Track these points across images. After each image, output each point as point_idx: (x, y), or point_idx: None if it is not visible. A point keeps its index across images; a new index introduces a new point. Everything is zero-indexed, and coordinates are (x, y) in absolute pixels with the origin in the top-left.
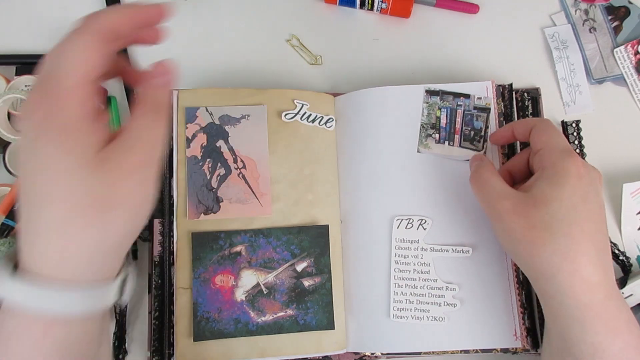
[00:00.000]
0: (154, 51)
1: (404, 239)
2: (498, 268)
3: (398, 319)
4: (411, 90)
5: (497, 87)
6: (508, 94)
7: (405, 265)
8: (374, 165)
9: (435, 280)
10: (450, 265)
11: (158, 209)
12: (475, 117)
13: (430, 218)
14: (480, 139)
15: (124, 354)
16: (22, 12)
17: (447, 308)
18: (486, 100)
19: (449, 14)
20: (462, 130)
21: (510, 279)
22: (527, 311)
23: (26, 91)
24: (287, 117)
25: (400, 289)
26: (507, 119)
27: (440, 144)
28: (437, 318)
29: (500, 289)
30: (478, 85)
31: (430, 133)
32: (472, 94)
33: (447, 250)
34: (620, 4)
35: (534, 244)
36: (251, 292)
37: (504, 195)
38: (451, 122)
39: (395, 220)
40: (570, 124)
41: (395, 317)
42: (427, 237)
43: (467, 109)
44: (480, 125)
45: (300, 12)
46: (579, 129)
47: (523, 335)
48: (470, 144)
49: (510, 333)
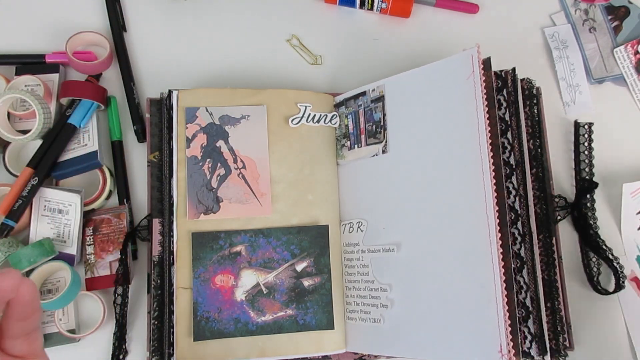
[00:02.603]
0: (154, 52)
1: (348, 243)
2: (456, 268)
3: (350, 321)
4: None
5: (500, 72)
6: (512, 80)
7: (352, 268)
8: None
9: (372, 281)
10: (384, 266)
11: (158, 209)
12: (373, 110)
13: (365, 220)
14: (381, 130)
15: (124, 354)
16: (22, 12)
17: (382, 309)
18: (380, 89)
19: (449, 14)
20: (366, 128)
21: (492, 283)
22: (534, 315)
23: (26, 91)
24: (294, 122)
25: (349, 292)
26: (512, 106)
27: (352, 150)
28: (375, 319)
29: (471, 293)
30: (461, 56)
31: (343, 143)
32: (438, 72)
33: (378, 251)
34: (620, 4)
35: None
36: (251, 292)
37: None
38: (356, 124)
39: (341, 226)
40: (583, 126)
41: (348, 319)
42: (365, 239)
43: (366, 105)
44: (379, 117)
45: (300, 12)
46: (590, 131)
47: (511, 354)
48: (374, 138)
49: (494, 348)
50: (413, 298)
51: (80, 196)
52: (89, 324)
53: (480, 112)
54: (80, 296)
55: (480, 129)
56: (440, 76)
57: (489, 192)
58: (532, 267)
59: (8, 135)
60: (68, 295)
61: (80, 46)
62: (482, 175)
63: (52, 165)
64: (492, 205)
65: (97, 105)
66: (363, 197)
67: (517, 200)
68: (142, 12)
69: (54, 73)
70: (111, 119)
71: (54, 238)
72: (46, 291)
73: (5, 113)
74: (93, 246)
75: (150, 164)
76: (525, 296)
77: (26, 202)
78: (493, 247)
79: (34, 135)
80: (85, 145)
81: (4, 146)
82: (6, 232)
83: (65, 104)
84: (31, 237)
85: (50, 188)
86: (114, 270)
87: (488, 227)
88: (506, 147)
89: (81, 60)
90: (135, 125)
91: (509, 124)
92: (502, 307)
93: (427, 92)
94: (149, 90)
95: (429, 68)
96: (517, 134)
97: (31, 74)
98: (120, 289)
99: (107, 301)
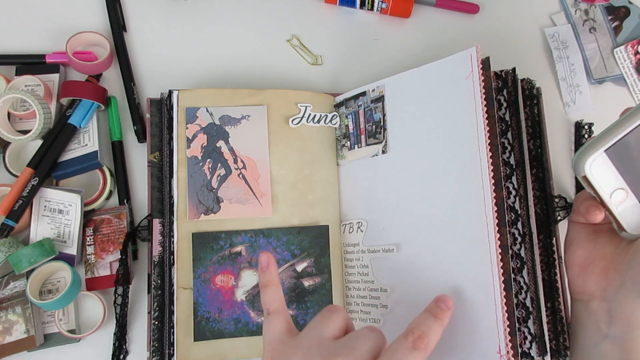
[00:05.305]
0: (154, 52)
1: (348, 243)
2: (454, 269)
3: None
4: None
5: (500, 72)
6: (512, 80)
7: (352, 269)
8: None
9: (372, 281)
10: (384, 266)
11: (158, 209)
12: (373, 110)
13: (365, 220)
14: (381, 130)
15: (125, 354)
16: (22, 12)
17: (382, 310)
18: (379, 89)
19: (449, 14)
20: (366, 128)
21: (491, 283)
22: (535, 315)
23: (26, 91)
24: (294, 122)
25: (349, 292)
26: (512, 106)
27: (352, 150)
28: (375, 320)
29: (470, 294)
30: (460, 56)
31: (343, 143)
32: (437, 71)
33: (378, 251)
34: (620, 4)
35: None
36: (251, 292)
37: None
38: (356, 125)
39: (341, 226)
40: (583, 126)
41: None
42: (365, 240)
43: (366, 105)
44: (379, 117)
45: (301, 12)
46: (590, 132)
47: (510, 354)
48: (373, 138)
49: (492, 349)
50: (412, 298)
51: (80, 196)
52: (89, 324)
53: (479, 112)
54: (81, 296)
55: (479, 128)
56: (439, 76)
57: (488, 192)
58: (532, 268)
59: (8, 135)
60: (68, 296)
61: (80, 46)
62: (481, 175)
63: (52, 166)
64: (491, 206)
65: (97, 105)
66: (363, 197)
67: (517, 200)
68: (142, 12)
69: (54, 73)
70: (111, 119)
71: (54, 238)
72: (46, 291)
73: (6, 113)
74: (93, 246)
75: (151, 164)
76: (525, 296)
77: (26, 202)
78: (492, 248)
79: (34, 135)
80: (86, 145)
81: (4, 146)
82: (6, 232)
83: (65, 104)
84: (31, 237)
85: (50, 188)
86: (114, 270)
87: (487, 228)
88: (506, 147)
89: (81, 60)
90: (136, 126)
91: (509, 124)
92: (501, 308)
93: (426, 92)
94: (149, 90)
95: (428, 68)
96: (517, 134)
97: (31, 74)
98: (120, 289)
99: (108, 301)
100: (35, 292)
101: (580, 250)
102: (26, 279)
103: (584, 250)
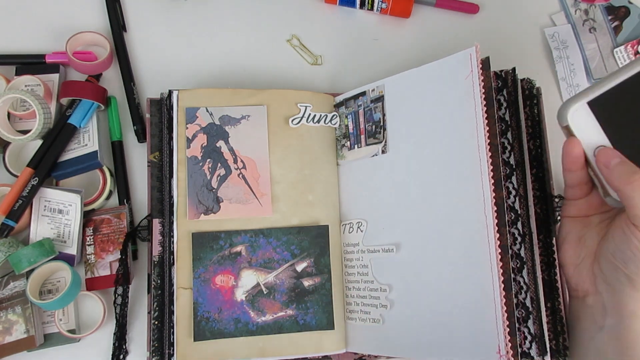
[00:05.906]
0: (154, 52)
1: (348, 243)
2: (448, 268)
3: (350, 321)
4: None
5: (500, 72)
6: (512, 80)
7: (352, 269)
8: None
9: (372, 281)
10: (384, 266)
11: (158, 209)
12: (373, 110)
13: (365, 220)
14: (381, 130)
15: (125, 354)
16: (22, 12)
17: (382, 309)
18: (379, 89)
19: (449, 14)
20: (366, 128)
21: (491, 283)
22: (534, 315)
23: (26, 91)
24: (294, 122)
25: (349, 292)
26: (512, 106)
27: (352, 150)
28: (375, 320)
29: (469, 294)
30: (460, 56)
31: (343, 143)
32: (437, 71)
33: (378, 251)
34: (620, 4)
35: None
36: (251, 292)
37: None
38: (356, 125)
39: (341, 226)
40: None
41: (348, 320)
42: (365, 240)
43: (366, 105)
44: (378, 117)
45: (301, 12)
46: None
47: (510, 354)
48: (373, 138)
49: (492, 349)
50: (412, 298)
51: (80, 196)
52: (89, 324)
53: (479, 112)
54: (81, 296)
55: (478, 128)
56: (439, 76)
57: (488, 192)
58: (532, 268)
59: (8, 135)
60: (68, 296)
61: (80, 46)
62: (481, 175)
63: (52, 166)
64: (491, 206)
65: (97, 105)
66: (363, 197)
67: (517, 200)
68: (142, 12)
69: (54, 73)
70: (111, 119)
71: (54, 238)
72: (46, 291)
73: (5, 113)
74: (93, 246)
75: (151, 164)
76: (525, 296)
77: (26, 202)
78: (491, 248)
79: (34, 135)
80: (86, 145)
81: (4, 146)
82: (6, 232)
83: (65, 104)
84: (31, 237)
85: (50, 188)
86: (114, 270)
87: (486, 228)
88: (506, 147)
89: (81, 60)
90: (136, 126)
91: (509, 124)
92: (501, 308)
93: (426, 92)
94: (149, 90)
95: (428, 68)
96: (517, 134)
97: (31, 74)
98: (120, 289)
99: (107, 301)
100: (35, 292)
101: (571, 249)
102: (26, 279)
103: (575, 249)
